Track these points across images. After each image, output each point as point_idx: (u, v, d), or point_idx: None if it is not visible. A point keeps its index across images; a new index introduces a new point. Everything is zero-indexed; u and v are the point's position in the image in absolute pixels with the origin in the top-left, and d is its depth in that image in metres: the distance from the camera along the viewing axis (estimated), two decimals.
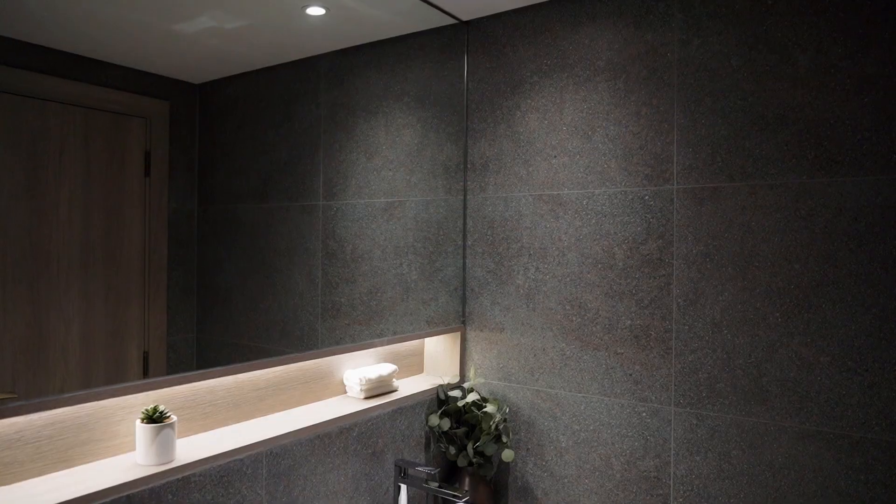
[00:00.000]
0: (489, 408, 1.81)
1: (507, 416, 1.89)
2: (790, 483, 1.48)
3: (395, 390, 1.78)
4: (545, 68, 1.84)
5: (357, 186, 1.70)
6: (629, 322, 1.70)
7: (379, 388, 1.72)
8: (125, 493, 1.10)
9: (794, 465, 1.48)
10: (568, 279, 1.80)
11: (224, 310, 1.35)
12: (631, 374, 1.69)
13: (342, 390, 1.72)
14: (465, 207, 2.02)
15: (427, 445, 1.84)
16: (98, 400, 1.08)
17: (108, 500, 1.07)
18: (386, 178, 1.79)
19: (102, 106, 1.19)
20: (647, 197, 1.67)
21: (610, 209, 1.73)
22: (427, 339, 2.04)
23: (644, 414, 1.67)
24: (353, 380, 1.68)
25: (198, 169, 1.33)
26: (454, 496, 1.53)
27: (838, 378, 1.43)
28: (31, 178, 1.06)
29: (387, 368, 1.75)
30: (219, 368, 1.30)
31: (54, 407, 1.02)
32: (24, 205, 1.05)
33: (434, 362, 2.02)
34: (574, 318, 1.79)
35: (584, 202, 1.77)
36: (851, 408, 1.42)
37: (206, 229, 1.36)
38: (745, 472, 1.54)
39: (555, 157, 1.82)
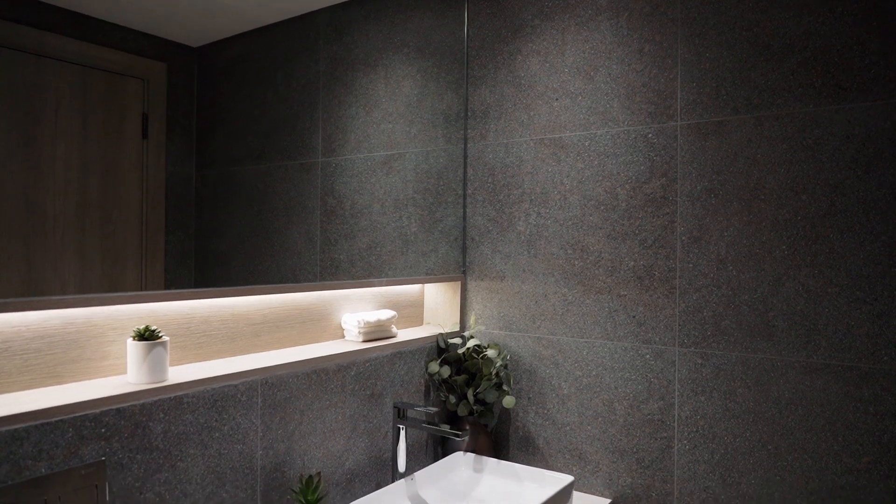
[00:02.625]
0: (490, 352, 1.78)
1: (507, 363, 1.86)
2: (797, 419, 1.45)
3: (394, 336, 1.75)
4: (546, 10, 1.81)
5: (356, 141, 1.68)
6: (632, 263, 1.67)
7: (378, 333, 1.69)
8: (115, 406, 1.07)
9: (801, 400, 1.45)
10: (570, 223, 1.77)
11: (222, 273, 1.33)
12: (634, 316, 1.66)
13: (340, 335, 1.69)
14: (465, 156, 2.00)
15: (426, 394, 1.80)
16: (89, 306, 1.05)
17: (96, 410, 1.05)
18: (385, 131, 1.77)
19: (99, 65, 1.16)
20: (650, 135, 1.64)
21: (612, 149, 1.70)
22: (426, 290, 2.01)
23: (648, 356, 1.64)
24: (352, 323, 1.65)
25: (196, 132, 1.31)
26: (453, 434, 1.49)
27: (846, 309, 1.40)
28: (26, 134, 1.04)
29: (386, 314, 1.72)
30: (214, 289, 1.28)
31: (44, 308, 0.99)
32: (19, 160, 1.03)
33: (434, 314, 1.99)
34: (576, 263, 1.76)
35: (586, 144, 1.74)
36: (860, 339, 1.38)
37: (205, 193, 1.34)
38: (751, 410, 1.50)
39: (556, 99, 1.79)
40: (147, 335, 1.16)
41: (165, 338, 1.18)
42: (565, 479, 1.57)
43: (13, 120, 1.02)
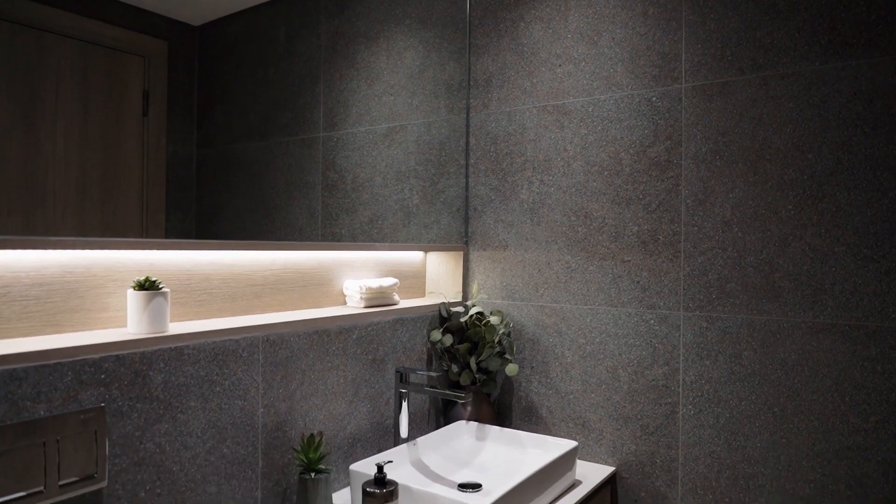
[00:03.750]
0: (493, 319, 1.76)
1: (510, 330, 1.85)
2: (804, 380, 1.44)
3: (396, 304, 1.74)
4: None
5: (358, 114, 1.66)
6: (636, 228, 1.65)
7: (379, 299, 1.67)
8: (115, 353, 1.06)
9: (807, 361, 1.43)
10: (573, 189, 1.75)
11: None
12: (638, 282, 1.65)
13: (342, 301, 1.67)
14: (467, 125, 1.98)
15: (428, 363, 1.79)
16: (88, 249, 1.04)
17: (96, 356, 1.03)
18: (387, 104, 1.76)
19: (100, 41, 1.15)
20: (654, 98, 1.63)
21: (616, 114, 1.68)
22: (429, 261, 1.99)
23: (652, 321, 1.63)
24: (353, 289, 1.64)
25: (196, 111, 1.30)
26: (456, 396, 1.48)
27: (853, 267, 1.38)
28: (26, 109, 1.03)
29: (388, 281, 1.71)
30: (215, 241, 1.26)
31: (42, 247, 0.97)
32: (19, 135, 1.02)
33: (436, 285, 1.98)
34: (579, 229, 1.74)
35: (590, 109, 1.73)
36: (867, 297, 1.37)
37: (205, 172, 1.33)
38: (756, 373, 1.49)
39: (559, 65, 1.78)
40: (147, 285, 1.15)
41: (166, 289, 1.17)
42: (569, 444, 1.56)
43: (13, 94, 1.01)
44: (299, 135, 1.55)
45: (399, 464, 1.53)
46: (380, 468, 1.22)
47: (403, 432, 1.59)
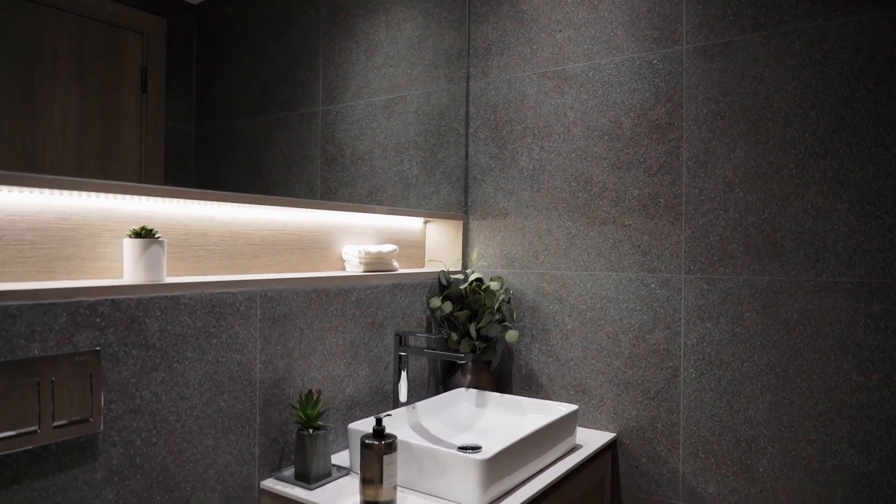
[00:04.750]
0: (492, 284, 1.75)
1: (510, 297, 1.84)
2: (806, 339, 1.42)
3: (396, 271, 1.73)
4: None
5: (357, 87, 1.66)
6: (637, 192, 1.64)
7: (379, 265, 1.66)
8: (110, 297, 1.05)
9: (810, 320, 1.42)
10: (573, 155, 1.74)
11: None
12: (639, 246, 1.64)
13: (341, 266, 1.66)
14: (467, 94, 1.97)
15: (428, 331, 1.78)
16: (83, 190, 1.02)
17: (91, 299, 1.02)
18: (386, 75, 1.75)
19: (98, 16, 1.14)
20: (654, 61, 1.62)
21: (617, 78, 1.67)
22: (428, 231, 1.98)
23: (653, 285, 1.62)
24: (353, 253, 1.63)
25: (195, 88, 1.29)
26: (456, 357, 1.47)
27: (856, 224, 1.37)
28: (24, 81, 1.02)
29: (387, 247, 1.70)
30: (214, 192, 1.25)
31: (36, 185, 0.96)
32: (16, 110, 1.01)
33: (435, 255, 1.96)
34: (580, 195, 1.73)
35: (590, 74, 1.72)
36: (870, 254, 1.36)
37: (204, 150, 1.32)
38: (758, 334, 1.48)
39: (559, 31, 1.77)
40: (144, 233, 1.14)
41: (162, 238, 1.16)
42: (569, 407, 1.55)
43: (11, 68, 1.00)
44: (298, 109, 1.54)
45: (398, 426, 1.52)
46: (378, 421, 1.21)
47: (403, 396, 1.58)
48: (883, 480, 1.34)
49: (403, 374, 1.58)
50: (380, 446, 1.17)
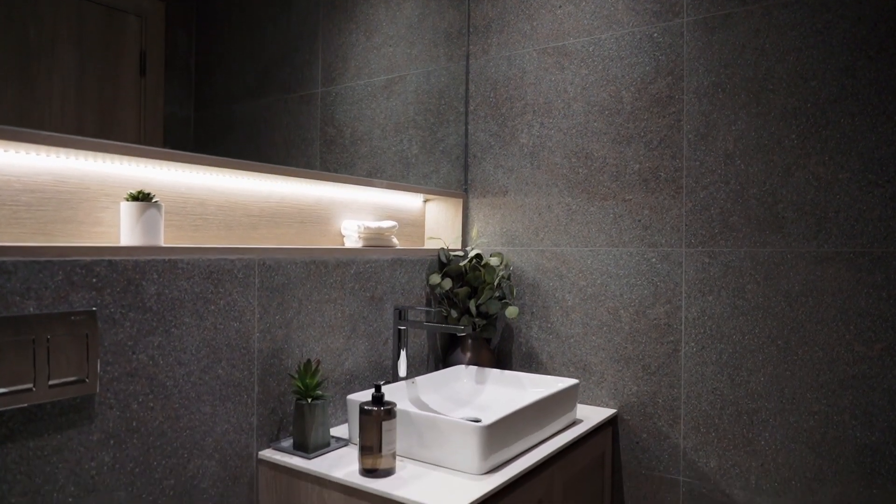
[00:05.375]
0: (492, 260, 1.74)
1: (510, 273, 1.83)
2: (808, 310, 1.41)
3: (395, 247, 1.72)
4: None
5: (356, 68, 1.65)
6: (637, 166, 1.63)
7: (378, 240, 1.65)
8: (107, 258, 1.04)
9: (811, 291, 1.41)
10: (574, 131, 1.74)
11: None
12: (640, 220, 1.63)
13: (340, 242, 1.65)
14: (467, 72, 1.96)
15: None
16: (79, 148, 1.01)
17: (87, 258, 1.01)
18: (386, 55, 1.74)
19: None
20: (655, 35, 1.61)
21: (617, 52, 1.66)
22: (428, 210, 1.97)
23: (654, 259, 1.61)
24: (352, 228, 1.62)
25: (195, 71, 1.28)
26: (456, 329, 1.46)
27: (858, 194, 1.36)
28: (22, 64, 1.01)
29: (387, 223, 1.69)
30: (212, 157, 1.23)
31: (32, 141, 0.95)
32: (15, 90, 1.00)
33: (435, 233, 1.96)
34: (580, 171, 1.72)
35: (591, 49, 1.71)
36: (872, 223, 1.35)
37: (203, 134, 1.31)
38: (760, 306, 1.47)
39: (559, 6, 1.76)
40: (141, 197, 1.13)
41: (160, 202, 1.15)
42: (570, 381, 1.54)
43: (9, 50, 0.99)
44: (297, 91, 1.53)
45: (397, 399, 1.51)
46: (377, 387, 1.20)
47: (402, 371, 1.57)
48: (885, 451, 1.33)
49: (403, 347, 1.57)
50: (379, 412, 1.17)
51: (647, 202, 1.62)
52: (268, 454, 1.28)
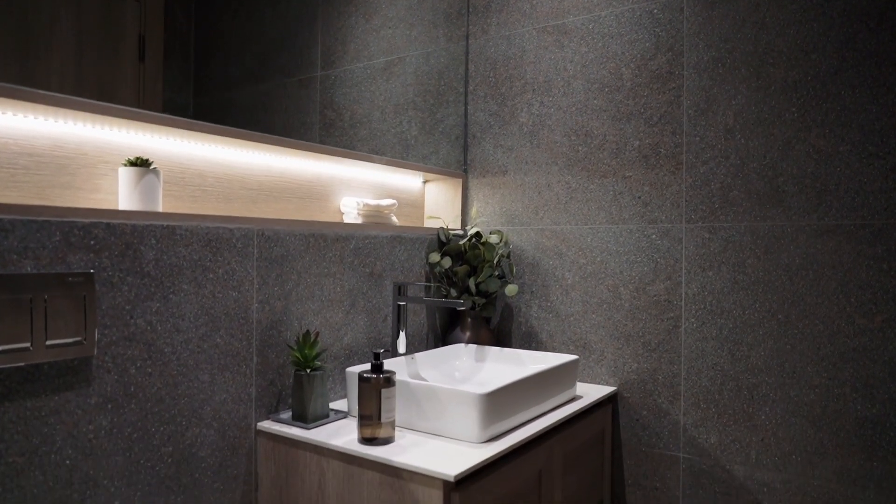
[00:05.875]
0: (492, 238, 1.74)
1: (510, 251, 1.83)
2: (808, 284, 1.41)
3: (394, 225, 1.72)
4: None
5: (356, 50, 1.64)
6: (637, 143, 1.63)
7: (377, 217, 1.65)
8: (105, 220, 1.04)
9: (812, 264, 1.41)
10: (573, 109, 1.73)
11: None
12: (640, 197, 1.62)
13: (339, 218, 1.65)
14: (466, 53, 1.96)
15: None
16: (76, 109, 1.01)
17: (85, 220, 1.01)
18: (385, 37, 1.74)
19: None
20: (655, 10, 1.60)
21: (617, 29, 1.66)
22: (427, 190, 1.97)
23: (654, 236, 1.60)
24: (351, 205, 1.62)
25: (194, 57, 1.28)
26: (456, 303, 1.46)
27: (858, 166, 1.36)
28: (21, 48, 1.00)
29: (386, 201, 1.69)
30: (212, 125, 1.23)
31: (28, 100, 0.95)
32: (13, 73, 1.00)
33: (434, 214, 1.95)
34: (580, 148, 1.72)
35: (590, 26, 1.70)
36: (873, 195, 1.35)
37: (202, 120, 1.31)
38: (760, 281, 1.46)
39: None
40: (139, 163, 1.13)
41: (158, 168, 1.14)
42: (570, 357, 1.53)
43: (6, 34, 0.99)
44: (296, 75, 1.53)
45: (397, 373, 1.51)
46: (377, 355, 1.19)
47: (401, 348, 1.56)
48: (886, 423, 1.33)
49: (402, 323, 1.56)
50: (378, 379, 1.16)
51: (646, 178, 1.61)
52: (266, 425, 1.27)
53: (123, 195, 1.11)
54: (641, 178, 1.62)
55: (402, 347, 1.57)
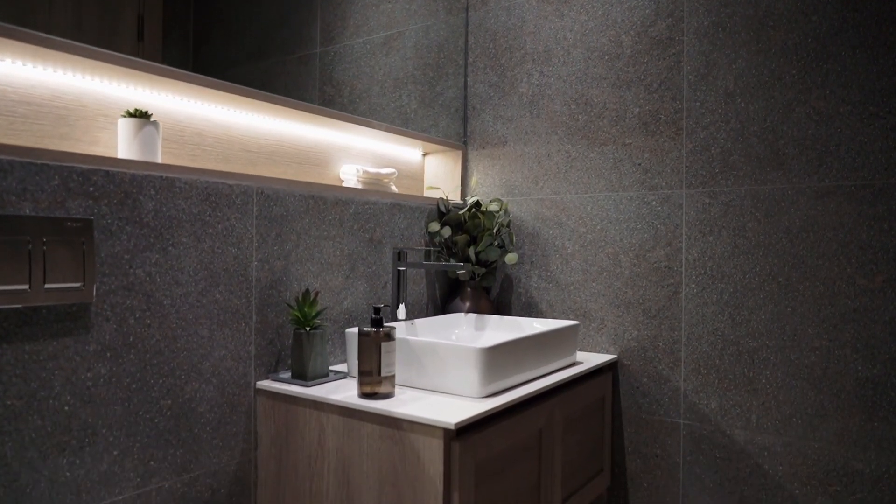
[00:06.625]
0: (492, 205, 1.74)
1: (510, 220, 1.82)
2: (808, 246, 1.41)
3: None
4: None
5: (355, 26, 1.64)
6: (637, 110, 1.63)
7: (376, 186, 1.65)
8: (104, 168, 1.03)
9: (812, 226, 1.41)
10: (573, 77, 1.73)
11: None
12: (640, 164, 1.62)
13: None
14: (466, 25, 1.96)
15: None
16: (73, 54, 1.00)
17: (84, 166, 1.00)
18: (385, 11, 1.73)
19: None
20: None
21: None
22: (427, 164, 1.97)
23: (654, 202, 1.60)
24: (350, 172, 1.61)
25: (192, 36, 1.27)
26: (455, 267, 1.45)
27: (859, 126, 1.36)
28: (19, 24, 1.00)
29: (386, 169, 1.68)
30: (212, 79, 1.22)
31: (25, 40, 0.94)
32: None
33: (434, 185, 1.95)
34: (580, 117, 1.72)
35: None
36: (873, 155, 1.34)
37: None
38: (760, 244, 1.46)
39: None
40: (138, 114, 1.12)
41: (157, 121, 1.14)
42: (570, 322, 1.53)
43: (5, 15, 0.98)
44: (296, 53, 1.52)
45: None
46: (376, 310, 1.19)
47: (401, 314, 1.56)
48: (886, 383, 1.33)
49: (402, 289, 1.56)
50: (378, 333, 1.16)
51: (647, 145, 1.61)
52: (266, 384, 1.27)
53: (122, 146, 1.11)
54: (641, 144, 1.62)
55: (401, 314, 1.56)
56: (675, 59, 1.57)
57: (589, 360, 1.57)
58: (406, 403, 1.13)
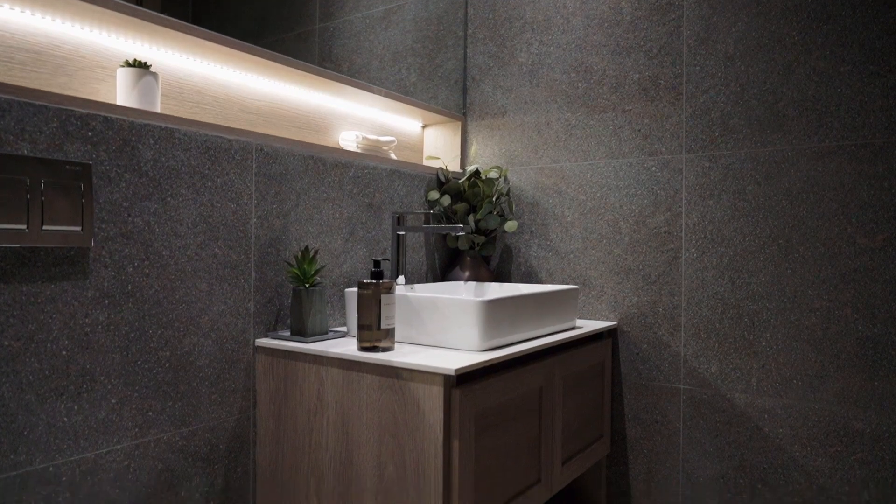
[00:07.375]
0: (492, 173, 1.73)
1: (509, 188, 1.82)
2: (808, 207, 1.41)
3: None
4: None
5: (354, 1, 1.64)
6: (637, 76, 1.62)
7: (376, 153, 1.64)
8: (103, 114, 1.03)
9: (812, 187, 1.40)
10: (573, 45, 1.73)
11: None
12: (639, 130, 1.62)
13: None
14: None
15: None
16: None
17: (83, 111, 1.00)
18: None
19: None
20: None
21: None
22: (426, 136, 1.96)
23: (654, 168, 1.60)
24: (350, 138, 1.61)
25: (191, 18, 1.26)
26: (453, 229, 1.45)
27: (859, 86, 1.36)
28: None
29: (385, 137, 1.68)
30: (213, 33, 1.22)
31: None
32: None
33: (434, 155, 1.94)
34: (579, 85, 1.71)
35: None
36: (874, 113, 1.34)
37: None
38: (761, 206, 1.46)
39: None
40: (137, 64, 1.12)
41: (156, 72, 1.13)
42: (570, 286, 1.53)
43: None
44: (295, 30, 1.52)
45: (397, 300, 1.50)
46: (377, 263, 1.19)
47: (400, 279, 1.55)
48: (887, 342, 1.32)
49: (401, 254, 1.55)
50: (377, 285, 1.15)
51: (646, 111, 1.61)
52: (265, 342, 1.26)
53: (121, 95, 1.11)
54: (641, 110, 1.62)
55: (401, 279, 1.56)
56: (675, 23, 1.57)
57: (589, 326, 1.57)
58: (406, 355, 1.12)
